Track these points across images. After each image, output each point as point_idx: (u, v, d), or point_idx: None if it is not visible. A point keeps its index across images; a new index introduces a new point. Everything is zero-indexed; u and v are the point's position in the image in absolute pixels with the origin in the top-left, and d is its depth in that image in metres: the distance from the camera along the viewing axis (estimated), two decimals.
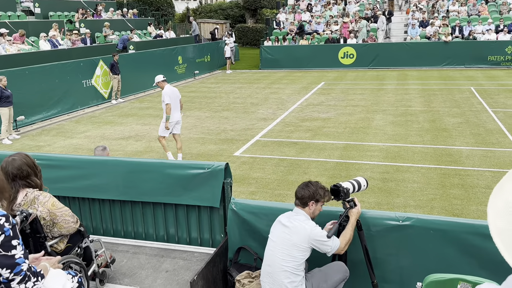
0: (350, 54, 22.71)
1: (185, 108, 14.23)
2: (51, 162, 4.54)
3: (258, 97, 15.94)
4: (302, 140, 10.12)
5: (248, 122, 12.11)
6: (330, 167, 8.27)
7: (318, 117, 12.40)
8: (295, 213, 3.38)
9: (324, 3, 28.18)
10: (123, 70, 15.91)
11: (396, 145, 9.50)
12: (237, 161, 8.86)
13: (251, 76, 21.85)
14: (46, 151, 10.07)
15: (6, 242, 2.09)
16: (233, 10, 39.28)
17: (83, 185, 4.52)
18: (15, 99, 11.12)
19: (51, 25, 17.38)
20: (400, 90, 16.23)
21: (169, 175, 4.23)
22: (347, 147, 9.45)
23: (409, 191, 7.11)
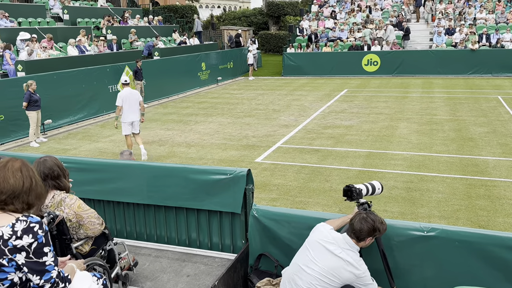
0: (374, 61, 22.55)
1: (206, 114, 14.41)
2: (78, 165, 4.64)
3: (280, 104, 15.94)
4: (324, 148, 10.06)
5: (270, 129, 12.12)
6: (352, 175, 8.19)
7: (340, 124, 12.32)
8: (348, 245, 3.21)
9: (348, 10, 28.06)
10: (147, 76, 16.17)
11: (420, 154, 9.36)
12: (259, 167, 8.86)
13: (274, 83, 21.88)
14: (72, 154, 10.28)
15: (38, 249, 2.13)
16: (256, 17, 39.55)
17: (109, 188, 4.59)
18: (43, 103, 11.36)
19: (79, 31, 17.82)
20: (425, 98, 16.01)
21: (192, 180, 4.26)
22: (370, 155, 9.35)
23: (433, 201, 6.99)
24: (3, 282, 2.14)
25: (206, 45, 25.45)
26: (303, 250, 3.37)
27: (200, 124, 13.04)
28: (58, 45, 16.84)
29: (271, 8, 37.41)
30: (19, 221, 2.12)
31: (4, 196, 2.14)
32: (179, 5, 38.17)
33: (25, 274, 2.15)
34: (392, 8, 27.20)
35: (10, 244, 2.08)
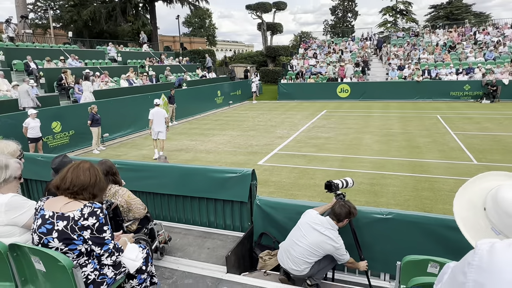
0: (345, 89, 22.54)
1: (221, 129, 14.40)
2: (128, 166, 4.65)
3: (276, 121, 15.93)
4: (310, 153, 10.01)
5: (269, 139, 12.09)
6: (331, 174, 8.12)
7: (321, 136, 12.27)
8: (330, 225, 3.20)
9: (326, 52, 28.17)
10: (178, 101, 16.19)
11: (380, 158, 9.31)
12: (260, 168, 8.82)
13: (271, 105, 21.91)
14: (123, 158, 10.26)
15: (99, 228, 2.15)
16: (258, 57, 39.75)
17: (150, 183, 4.60)
18: (103, 121, 11.33)
19: (128, 69, 17.92)
20: (384, 117, 15.97)
21: (211, 177, 4.26)
22: (344, 159, 9.30)
23: (390, 193, 6.94)
24: (74, 251, 2.15)
25: (221, 77, 25.57)
26: (296, 229, 3.37)
27: (216, 136, 13.03)
28: (114, 79, 16.92)
29: (269, 50, 37.62)
30: (86, 206, 2.15)
31: (76, 188, 2.17)
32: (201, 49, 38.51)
33: (89, 246, 2.17)
34: (358, 51, 27.28)
35: (79, 224, 2.10)
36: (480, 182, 1.31)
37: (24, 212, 2.34)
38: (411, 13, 46.49)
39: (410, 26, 33.08)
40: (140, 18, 30.72)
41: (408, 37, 28.04)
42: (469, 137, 11.23)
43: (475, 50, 23.38)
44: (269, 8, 40.53)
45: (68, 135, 11.16)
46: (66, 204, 2.15)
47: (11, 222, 2.31)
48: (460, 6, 44.76)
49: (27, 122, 9.40)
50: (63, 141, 11.01)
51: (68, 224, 2.10)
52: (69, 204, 2.15)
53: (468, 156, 9.18)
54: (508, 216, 1.17)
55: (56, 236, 2.10)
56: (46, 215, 2.13)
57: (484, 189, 1.28)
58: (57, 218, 2.12)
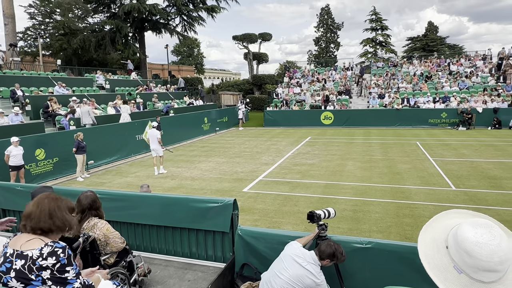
0: (329, 116, 22.96)
1: (207, 156, 14.34)
2: (109, 196, 4.54)
3: (262, 147, 15.96)
4: (294, 180, 9.98)
5: (254, 166, 12.06)
6: (314, 201, 8.10)
7: (306, 162, 12.29)
8: (313, 260, 3.14)
9: (309, 81, 28.90)
10: (165, 128, 16.11)
11: (363, 184, 9.35)
12: (245, 195, 8.74)
13: (257, 132, 22.03)
14: (107, 186, 10.04)
15: (60, 268, 2.04)
16: (245, 85, 40.36)
17: (131, 214, 4.49)
18: (88, 148, 11.20)
19: (115, 96, 17.90)
20: (366, 143, 16.21)
21: (193, 207, 4.20)
22: (327, 186, 9.29)
23: (372, 219, 6.94)
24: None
25: (208, 105, 25.76)
26: (278, 261, 3.31)
27: (202, 163, 12.94)
28: (101, 106, 16.85)
29: (255, 79, 38.37)
30: (47, 245, 2.04)
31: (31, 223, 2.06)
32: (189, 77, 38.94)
33: (49, 287, 2.05)
34: (340, 81, 28.10)
35: (37, 263, 2.00)
36: (443, 220, 1.34)
37: None
38: (390, 44, 48.69)
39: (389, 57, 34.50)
40: (129, 47, 31.11)
41: (387, 67, 29.16)
42: (447, 163, 11.47)
43: (450, 80, 24.41)
44: (255, 39, 41.76)
45: (52, 162, 10.91)
46: (28, 242, 2.04)
47: None
48: (435, 38, 47.19)
49: (9, 150, 9.18)
50: (47, 168, 10.74)
51: (25, 264, 1.99)
52: (31, 242, 2.04)
53: (446, 182, 9.32)
54: (468, 255, 1.18)
55: (13, 276, 1.98)
56: (8, 252, 2.04)
57: (447, 227, 1.30)
58: (16, 256, 2.01)
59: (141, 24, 31.51)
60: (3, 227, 2.99)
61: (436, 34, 48.07)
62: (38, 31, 27.97)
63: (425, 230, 1.34)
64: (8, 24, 20.68)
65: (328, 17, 51.67)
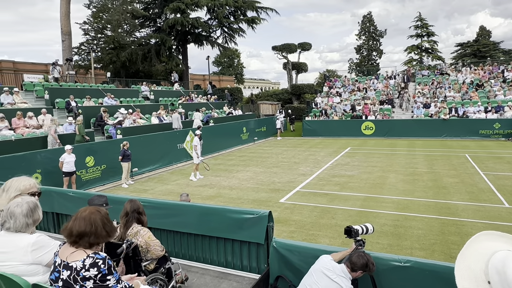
0: (370, 126, 22.35)
1: (245, 165, 14.53)
2: (151, 204, 4.79)
3: (300, 158, 15.89)
4: (332, 192, 9.85)
5: (291, 177, 12.03)
6: (353, 214, 7.92)
7: (344, 174, 12.08)
8: (343, 273, 3.13)
9: (350, 90, 28.34)
10: (205, 137, 16.53)
11: (405, 198, 8.99)
12: (282, 206, 8.73)
13: (295, 142, 21.97)
14: (150, 193, 10.52)
15: (102, 278, 2.17)
16: (283, 94, 40.49)
17: (171, 222, 4.70)
18: (132, 156, 11.85)
19: (159, 107, 18.80)
20: (409, 155, 15.56)
21: (229, 217, 4.30)
22: (367, 199, 9.06)
23: (415, 236, 6.63)
24: None
25: (247, 114, 26.13)
26: (309, 274, 3.30)
27: (240, 172, 13.14)
28: (145, 116, 17.75)
29: (294, 88, 38.33)
30: (89, 257, 2.18)
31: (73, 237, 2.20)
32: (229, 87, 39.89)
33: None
34: (382, 89, 27.24)
35: (81, 274, 2.15)
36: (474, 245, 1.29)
37: (49, 251, 2.45)
38: (437, 51, 46.38)
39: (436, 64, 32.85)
40: (173, 59, 32.67)
41: (434, 75, 27.80)
42: (500, 178, 10.66)
43: (504, 88, 22.71)
44: (294, 49, 41.85)
45: (100, 169, 11.67)
46: (72, 253, 2.19)
47: (36, 261, 2.42)
48: (488, 43, 44.22)
49: (63, 157, 9.96)
50: (95, 175, 11.50)
51: (71, 274, 2.14)
52: (75, 254, 2.19)
53: (499, 198, 8.67)
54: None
55: (61, 285, 2.16)
56: (57, 261, 2.22)
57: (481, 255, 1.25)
58: (63, 267, 2.18)
59: (184, 37, 32.99)
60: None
61: (488, 39, 45.05)
62: (91, 46, 30.31)
63: (459, 259, 1.30)
64: (65, 40, 22.60)
65: (370, 25, 50.52)
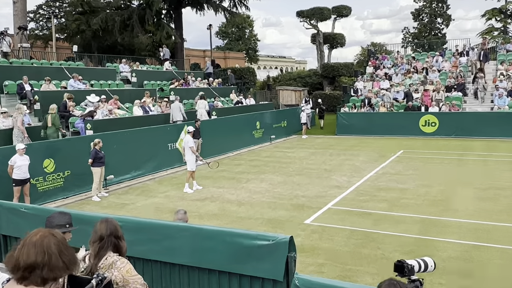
0: (432, 122, 22.07)
1: (258, 172, 14.57)
2: (129, 224, 4.82)
3: (332, 163, 15.82)
4: (377, 211, 9.76)
5: (321, 189, 11.98)
6: (406, 243, 7.81)
7: (395, 187, 11.96)
8: None
9: (404, 71, 28.01)
10: (205, 135, 16.67)
11: (480, 222, 8.80)
12: (307, 229, 8.72)
13: (326, 142, 21.88)
14: (130, 209, 10.65)
15: None
16: (311, 78, 40.40)
17: (157, 249, 4.71)
18: (107, 159, 11.97)
19: (144, 93, 19.00)
20: (486, 161, 15.28)
21: (235, 244, 4.30)
22: (425, 222, 8.94)
23: (493, 275, 6.47)
24: None
25: (261, 104, 26.18)
26: None
27: (251, 182, 13.16)
28: (125, 105, 17.96)
29: (326, 69, 38.17)
30: None
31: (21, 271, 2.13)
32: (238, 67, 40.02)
33: None
34: (450, 71, 26.78)
35: None
36: None
37: None
38: None
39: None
40: (162, 28, 32.72)
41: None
42: None
43: None
44: (328, 14, 41.60)
45: (63, 176, 11.87)
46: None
47: None
48: None
49: (14, 160, 10.07)
50: (56, 184, 11.69)
51: None
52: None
53: None
54: None
55: None
56: None
57: None
58: None
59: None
60: None
61: None
62: (52, 10, 30.68)
63: None
64: (17, 2, 22.84)
65: None
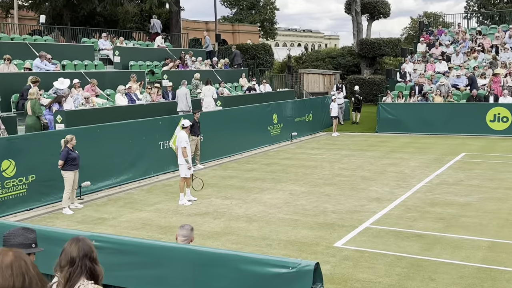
0: (503, 116, 21.97)
1: (275, 180, 14.57)
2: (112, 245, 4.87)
3: (371, 170, 15.76)
4: (430, 232, 9.70)
5: (356, 203, 11.93)
6: (468, 274, 7.75)
7: (454, 201, 11.88)
8: None
9: (466, 49, 27.74)
10: (206, 130, 16.68)
11: None
12: (338, 254, 8.68)
13: (364, 141, 21.78)
14: (110, 225, 10.73)
15: None
16: (345, 58, 40.29)
17: (145, 277, 4.75)
18: (82, 161, 11.99)
19: (129, 76, 19.09)
20: None
21: (246, 272, 4.32)
22: (494, 247, 8.87)
23: None
24: None
25: (280, 92, 26.10)
26: None
27: (266, 193, 13.13)
28: (106, 92, 18.08)
29: (365, 47, 37.96)
30: None
31: None
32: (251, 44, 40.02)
33: None
34: None
35: None
36: None
37: None
38: None
39: None
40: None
41: None
42: None
43: None
44: None
45: (26, 182, 11.97)
46: None
47: None
48: None
49: None
50: (17, 191, 11.80)
51: None
52: None
53: None
54: None
55: None
56: None
57: None
58: None
59: None
60: None
61: None
62: None
63: None
64: None
65: None
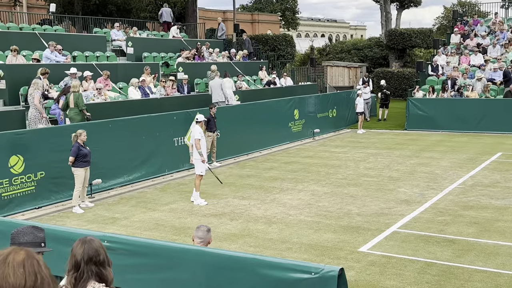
0: None
1: (296, 180, 14.57)
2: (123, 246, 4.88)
3: (400, 170, 15.66)
4: (463, 238, 9.62)
5: (383, 205, 11.87)
6: (503, 283, 7.67)
7: (489, 204, 11.78)
8: None
9: (505, 40, 27.36)
10: (223, 126, 16.73)
11: None
12: (363, 260, 8.65)
13: (392, 139, 21.66)
14: (122, 225, 10.81)
15: None
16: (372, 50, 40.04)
17: (157, 280, 4.76)
18: (93, 158, 12.11)
19: (143, 69, 19.17)
20: None
21: (265, 277, 4.31)
22: None
23: None
24: None
25: (301, 86, 26.04)
26: None
27: (286, 193, 13.13)
28: (118, 85, 18.19)
29: (393, 38, 37.67)
30: None
31: None
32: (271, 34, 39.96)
33: None
34: None
35: None
36: None
37: None
38: None
39: None
40: None
41: None
42: None
43: None
44: None
45: (35, 179, 12.10)
46: None
47: None
48: None
49: None
50: (26, 189, 11.94)
51: None
52: None
53: None
54: None
55: None
56: None
57: None
58: None
59: None
60: None
61: None
62: None
63: None
64: None
65: None
